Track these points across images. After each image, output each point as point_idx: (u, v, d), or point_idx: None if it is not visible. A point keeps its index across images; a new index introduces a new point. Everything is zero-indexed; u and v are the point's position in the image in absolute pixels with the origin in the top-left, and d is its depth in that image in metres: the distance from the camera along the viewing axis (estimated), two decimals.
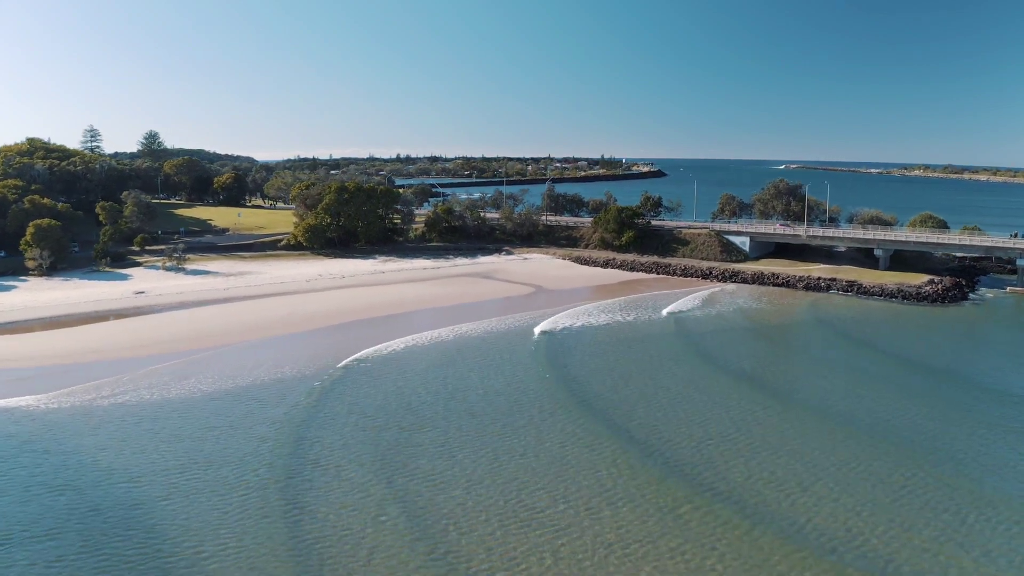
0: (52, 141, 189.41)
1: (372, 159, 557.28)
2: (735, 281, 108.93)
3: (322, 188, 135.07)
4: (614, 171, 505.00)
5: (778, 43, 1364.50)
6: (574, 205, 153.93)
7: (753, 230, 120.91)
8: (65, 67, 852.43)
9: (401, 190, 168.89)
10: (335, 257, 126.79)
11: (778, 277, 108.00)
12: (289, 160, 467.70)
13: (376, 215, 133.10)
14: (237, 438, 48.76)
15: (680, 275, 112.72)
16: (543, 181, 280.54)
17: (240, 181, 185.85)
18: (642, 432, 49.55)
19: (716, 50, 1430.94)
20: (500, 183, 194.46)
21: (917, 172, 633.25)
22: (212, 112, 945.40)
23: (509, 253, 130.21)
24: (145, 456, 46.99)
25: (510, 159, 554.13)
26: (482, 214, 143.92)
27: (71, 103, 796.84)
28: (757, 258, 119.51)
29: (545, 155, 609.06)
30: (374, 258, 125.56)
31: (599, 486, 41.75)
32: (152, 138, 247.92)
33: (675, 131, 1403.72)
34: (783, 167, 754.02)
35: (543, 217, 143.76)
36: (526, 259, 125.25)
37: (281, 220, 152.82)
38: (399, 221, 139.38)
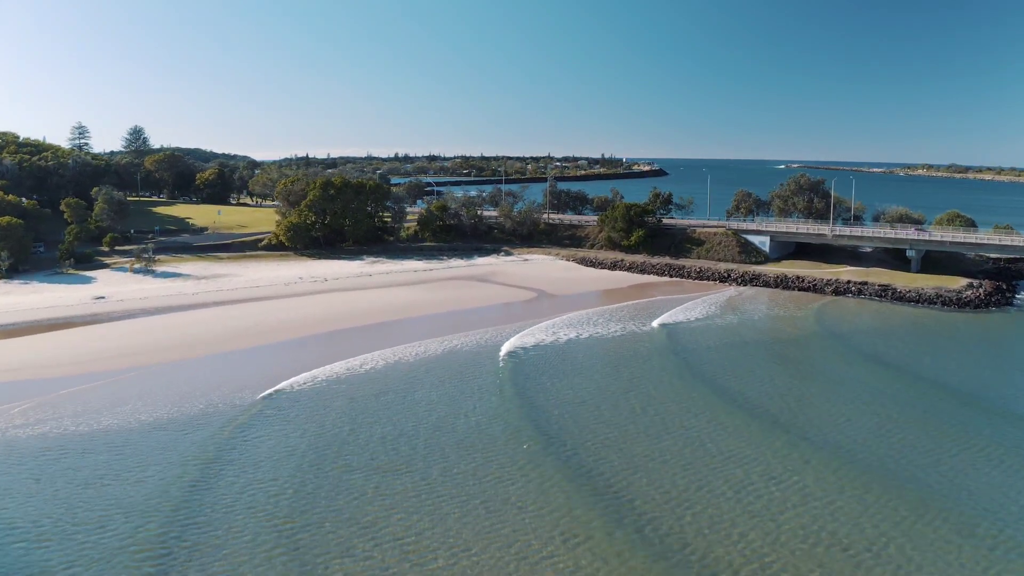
0: (46, 140, 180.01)
1: (370, 158, 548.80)
2: (756, 284, 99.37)
3: (306, 184, 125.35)
4: (615, 170, 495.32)
5: (778, 42, 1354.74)
6: (577, 202, 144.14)
7: (774, 229, 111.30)
8: (59, 66, 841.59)
9: (394, 188, 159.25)
10: (319, 258, 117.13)
11: (803, 280, 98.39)
12: (286, 159, 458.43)
13: (364, 212, 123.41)
14: (164, 482, 39.14)
15: (695, 278, 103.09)
16: (543, 180, 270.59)
17: (224, 178, 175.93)
18: (659, 483, 39.91)
19: (716, 49, 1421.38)
20: (499, 182, 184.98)
21: (921, 171, 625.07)
22: (209, 111, 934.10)
23: (508, 254, 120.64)
24: (59, 504, 37.67)
25: (509, 158, 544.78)
26: (479, 212, 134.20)
27: (68, 103, 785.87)
28: (778, 259, 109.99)
29: (545, 154, 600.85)
30: (361, 259, 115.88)
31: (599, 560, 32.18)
32: (136, 134, 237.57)
33: (675, 131, 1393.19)
34: (783, 166, 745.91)
35: (545, 215, 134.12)
36: (527, 260, 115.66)
37: (264, 219, 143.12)
38: (389, 219, 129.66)
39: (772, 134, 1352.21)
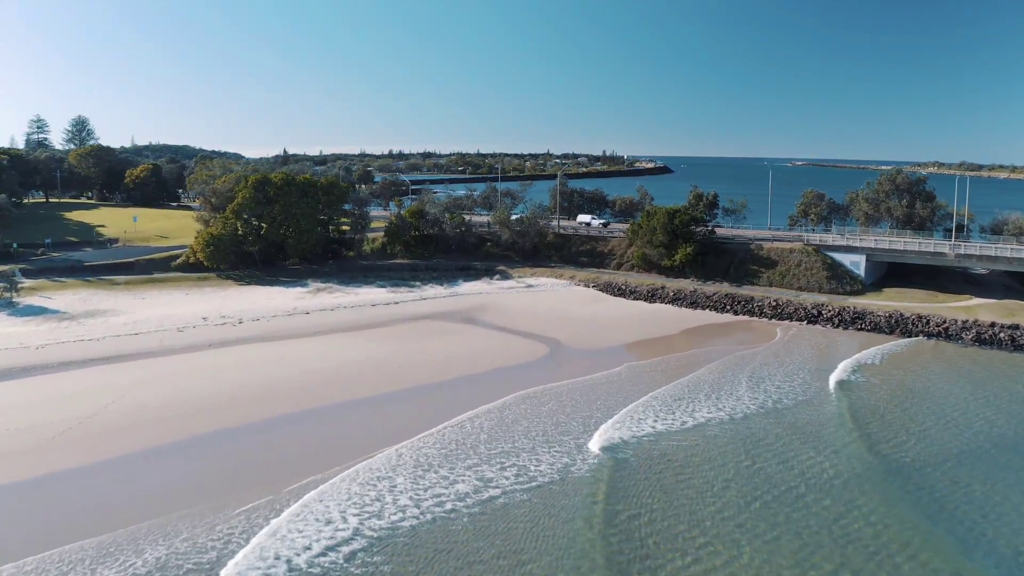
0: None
1: (363, 155, 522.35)
2: (860, 327, 69.09)
3: (236, 183, 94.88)
4: (618, 167, 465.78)
5: (781, 38, 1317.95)
6: (594, 205, 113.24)
7: (872, 245, 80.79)
8: (50, 65, 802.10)
9: (364, 186, 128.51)
10: (249, 283, 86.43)
11: (928, 322, 68.02)
12: (278, 156, 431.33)
13: (313, 219, 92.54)
14: None
15: (770, 316, 72.62)
16: (546, 177, 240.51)
17: (159, 176, 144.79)
18: None
19: (717, 46, 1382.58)
20: (495, 179, 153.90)
21: (931, 169, 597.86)
22: (202, 108, 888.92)
23: (505, 276, 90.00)
24: None
25: (507, 155, 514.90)
26: (467, 217, 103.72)
27: (59, 103, 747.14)
28: (875, 285, 79.96)
29: (544, 151, 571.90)
30: (304, 285, 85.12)
31: None
32: (80, 125, 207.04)
33: (676, 129, 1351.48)
34: (789, 164, 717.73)
35: (555, 222, 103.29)
36: (531, 287, 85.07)
37: (196, 226, 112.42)
38: (348, 228, 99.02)
39: (776, 132, 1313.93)
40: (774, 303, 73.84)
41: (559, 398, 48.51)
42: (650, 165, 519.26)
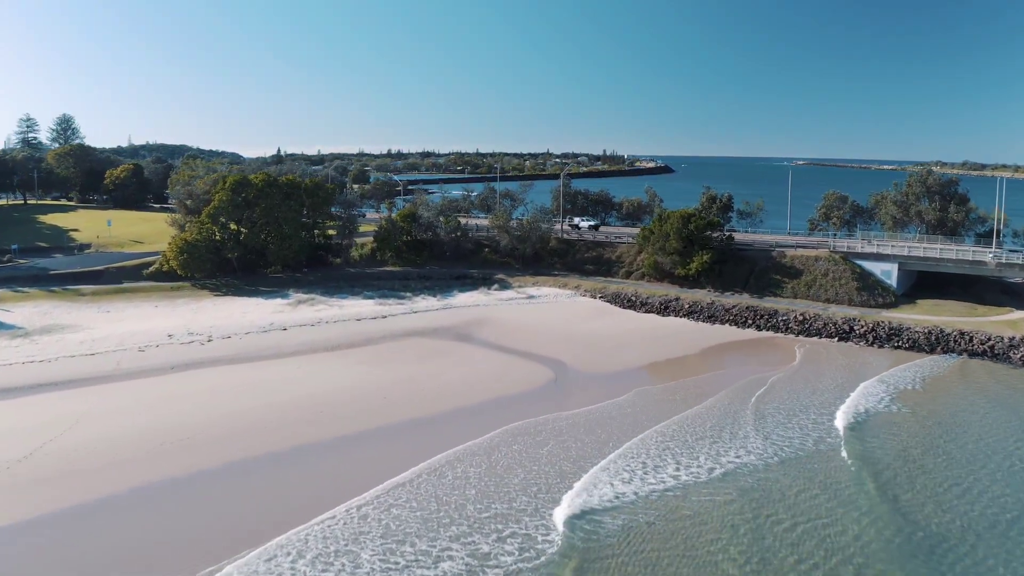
0: None
1: (361, 155, 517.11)
2: (896, 345, 62.32)
3: (213, 184, 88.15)
4: (619, 167, 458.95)
5: (781, 38, 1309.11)
6: (599, 208, 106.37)
7: (906, 253, 73.90)
8: (48, 62, 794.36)
9: (356, 187, 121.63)
10: (225, 293, 79.65)
11: (971, 339, 61.31)
12: (275, 156, 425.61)
13: (296, 224, 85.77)
14: None
15: (796, 332, 65.65)
16: (544, 177, 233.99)
17: (140, 177, 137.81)
18: None
19: (717, 47, 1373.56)
20: (494, 179, 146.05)
21: (934, 168, 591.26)
22: (199, 108, 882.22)
23: (504, 286, 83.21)
24: None
25: (506, 154, 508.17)
26: (464, 221, 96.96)
27: (57, 100, 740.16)
28: (907, 296, 73.19)
29: (543, 151, 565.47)
30: (286, 296, 78.33)
31: None
32: (65, 123, 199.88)
33: (677, 129, 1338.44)
34: (792, 164, 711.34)
35: (558, 226, 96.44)
36: (532, 298, 78.31)
37: (172, 231, 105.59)
38: (335, 233, 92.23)
39: (777, 131, 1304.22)
40: (800, 317, 67.00)
41: (559, 435, 41.82)
42: (651, 165, 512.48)
